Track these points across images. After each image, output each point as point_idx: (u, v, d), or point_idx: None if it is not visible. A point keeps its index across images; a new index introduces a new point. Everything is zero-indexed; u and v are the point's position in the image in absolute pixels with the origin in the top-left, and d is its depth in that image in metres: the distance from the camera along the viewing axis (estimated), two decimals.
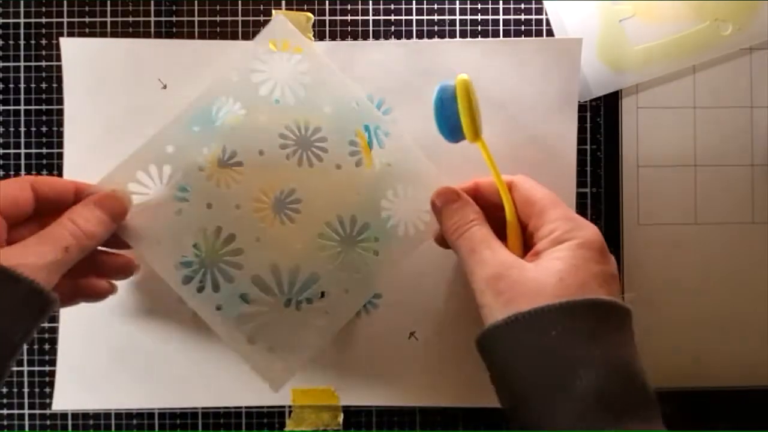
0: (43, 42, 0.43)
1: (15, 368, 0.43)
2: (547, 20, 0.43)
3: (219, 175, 0.39)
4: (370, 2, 0.43)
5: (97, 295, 0.39)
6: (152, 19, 0.43)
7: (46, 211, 0.36)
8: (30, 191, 0.36)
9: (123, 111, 0.42)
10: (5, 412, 0.43)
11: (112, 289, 0.39)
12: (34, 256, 0.33)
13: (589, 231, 0.34)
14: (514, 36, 0.43)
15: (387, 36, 0.43)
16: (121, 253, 0.39)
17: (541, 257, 0.34)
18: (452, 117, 0.36)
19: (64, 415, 0.43)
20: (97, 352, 0.42)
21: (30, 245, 0.34)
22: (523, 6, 0.43)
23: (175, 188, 0.39)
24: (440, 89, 0.36)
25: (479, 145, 0.36)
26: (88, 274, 0.38)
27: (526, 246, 0.36)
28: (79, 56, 0.42)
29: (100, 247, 0.38)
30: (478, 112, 0.36)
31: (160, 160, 0.39)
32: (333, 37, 0.43)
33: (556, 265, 0.32)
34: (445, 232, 0.37)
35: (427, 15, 0.43)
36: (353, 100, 0.40)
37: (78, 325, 0.42)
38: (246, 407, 0.43)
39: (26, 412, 0.43)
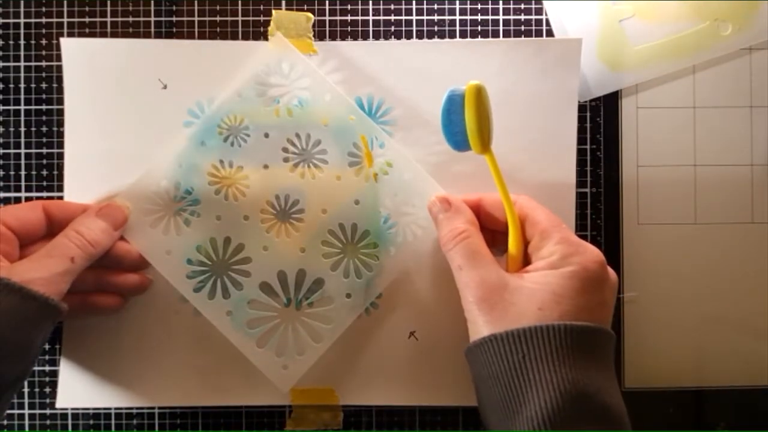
0: (43, 42, 0.43)
1: None
2: (547, 20, 0.43)
3: (227, 189, 0.41)
4: (370, 2, 0.43)
5: (106, 310, 0.40)
6: (152, 19, 0.43)
7: (57, 231, 0.38)
8: (42, 213, 0.39)
9: (123, 111, 0.42)
10: (5, 411, 0.43)
11: (121, 304, 0.41)
12: (44, 270, 0.35)
13: (588, 257, 0.34)
14: (514, 36, 0.43)
15: (387, 36, 0.43)
16: (133, 273, 0.41)
17: (530, 278, 0.34)
18: (459, 126, 0.35)
19: (64, 415, 0.43)
20: (100, 351, 0.42)
21: (38, 258, 0.36)
22: (523, 6, 0.43)
23: (185, 202, 0.41)
24: (448, 96, 0.35)
25: (487, 157, 0.36)
26: (101, 292, 0.40)
27: (525, 261, 0.36)
28: (79, 56, 0.42)
29: (113, 267, 0.40)
30: (489, 122, 0.35)
31: (172, 176, 0.41)
32: (333, 37, 0.43)
33: (541, 293, 0.33)
34: (439, 241, 0.38)
35: (427, 15, 0.43)
36: (349, 113, 0.41)
37: (81, 324, 0.42)
38: (246, 407, 0.43)
39: (26, 411, 0.43)
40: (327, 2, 0.43)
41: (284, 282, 0.41)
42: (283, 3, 0.43)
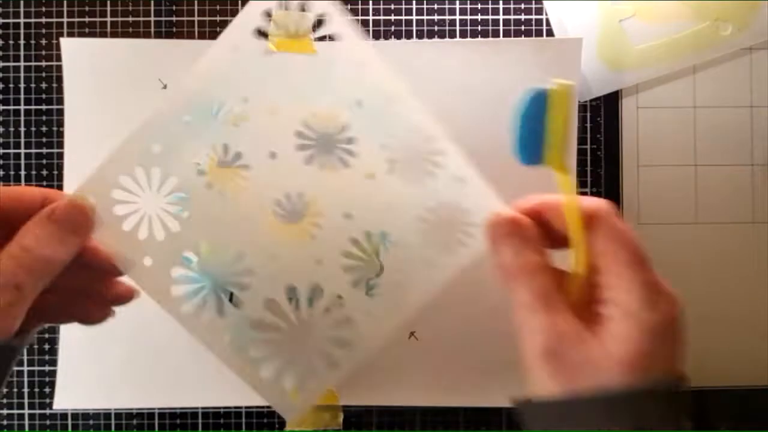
0: (43, 42, 0.43)
1: (15, 368, 0.43)
2: (547, 20, 0.43)
3: (222, 182, 0.33)
4: (370, 2, 0.43)
5: (93, 320, 0.34)
6: (152, 19, 0.43)
7: (14, 222, 0.30)
8: None
9: (123, 111, 0.42)
10: (5, 412, 0.43)
11: (109, 314, 0.34)
12: None
13: (669, 305, 0.29)
14: (514, 36, 0.43)
15: (387, 36, 0.43)
16: (119, 281, 0.34)
17: (606, 331, 0.29)
18: (538, 134, 0.29)
19: (64, 415, 0.43)
20: (98, 352, 0.42)
21: None
22: (523, 6, 0.43)
23: (168, 196, 0.33)
24: (534, 96, 0.29)
25: (563, 176, 0.30)
26: (83, 301, 0.34)
27: (588, 289, 0.31)
28: (79, 56, 0.42)
29: (96, 274, 0.33)
30: (573, 133, 0.31)
31: (147, 162, 0.32)
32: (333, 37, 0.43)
33: (622, 348, 0.28)
34: (498, 266, 0.31)
35: (427, 15, 0.43)
36: (393, 90, 0.33)
37: (79, 325, 0.42)
38: (246, 407, 0.43)
39: (26, 412, 0.43)
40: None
41: (296, 300, 0.34)
42: None
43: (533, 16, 0.43)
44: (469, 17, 0.43)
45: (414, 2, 0.43)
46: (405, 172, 0.33)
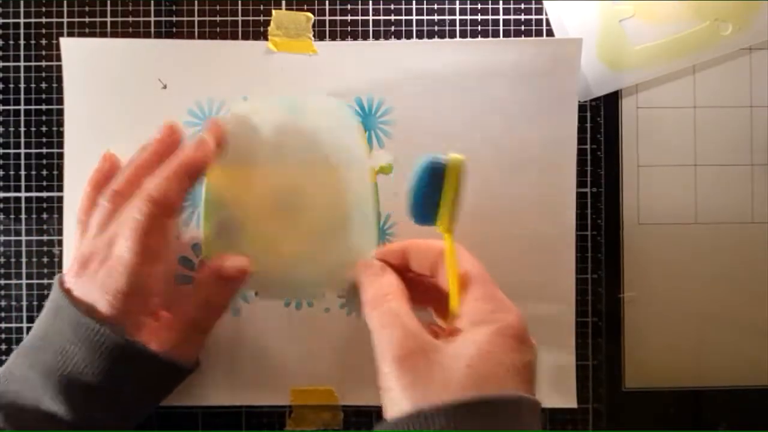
0: (43, 42, 0.43)
1: None
2: (547, 20, 0.43)
3: (225, 189, 0.40)
4: (370, 2, 0.43)
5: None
6: (152, 19, 0.43)
7: None
8: None
9: (123, 111, 0.42)
10: None
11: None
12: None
13: (511, 315, 0.32)
14: (514, 36, 0.43)
15: (387, 36, 0.43)
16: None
17: (456, 339, 0.32)
18: (432, 199, 0.33)
19: None
20: None
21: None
22: (523, 6, 0.43)
23: (184, 201, 0.39)
24: (430, 165, 0.32)
25: (448, 237, 0.34)
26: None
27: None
28: (79, 56, 0.42)
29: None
30: (460, 200, 0.33)
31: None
32: (333, 37, 0.43)
33: (469, 350, 0.31)
34: (362, 303, 0.35)
35: (427, 15, 0.43)
36: (350, 113, 0.41)
37: None
38: (246, 407, 0.43)
39: None
40: (327, 2, 0.43)
41: (284, 283, 0.41)
42: (283, 3, 0.43)
43: (533, 16, 0.43)
44: (469, 17, 0.43)
45: (414, 2, 0.43)
46: (366, 173, 0.41)
